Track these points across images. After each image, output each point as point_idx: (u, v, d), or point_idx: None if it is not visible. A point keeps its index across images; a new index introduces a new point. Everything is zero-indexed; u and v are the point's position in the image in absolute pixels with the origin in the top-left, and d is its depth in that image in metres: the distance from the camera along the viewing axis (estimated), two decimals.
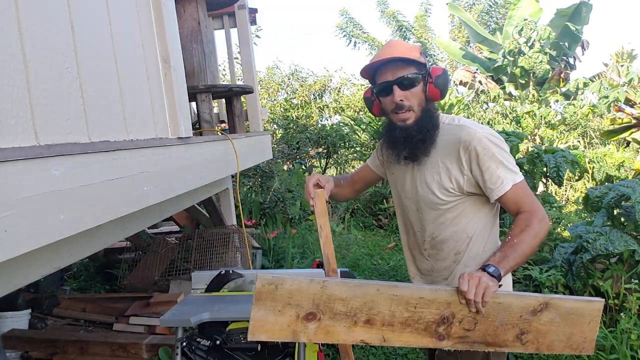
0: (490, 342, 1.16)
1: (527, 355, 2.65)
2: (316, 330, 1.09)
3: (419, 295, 1.12)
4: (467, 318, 1.14)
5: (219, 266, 3.16)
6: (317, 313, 1.09)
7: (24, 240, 1.04)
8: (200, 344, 1.57)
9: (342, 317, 1.10)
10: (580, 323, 1.19)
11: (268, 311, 1.07)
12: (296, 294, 1.07)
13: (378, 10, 14.71)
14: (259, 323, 1.07)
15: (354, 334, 1.11)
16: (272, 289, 1.06)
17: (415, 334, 1.13)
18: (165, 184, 1.84)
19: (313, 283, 1.08)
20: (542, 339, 1.18)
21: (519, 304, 1.16)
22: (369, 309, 1.10)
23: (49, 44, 1.25)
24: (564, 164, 4.40)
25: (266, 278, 1.06)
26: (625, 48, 12.06)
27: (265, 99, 11.01)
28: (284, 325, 1.07)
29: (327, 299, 1.09)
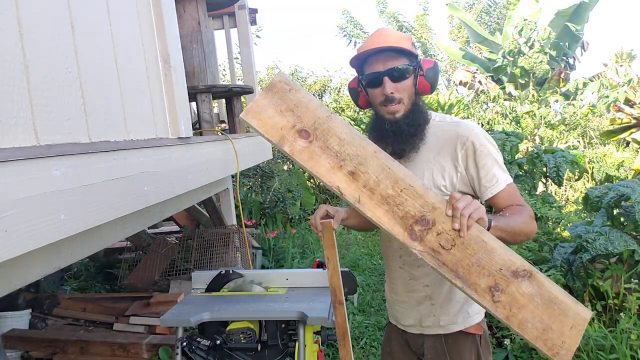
0: (460, 275, 1.08)
1: (527, 355, 2.65)
2: (302, 149, 1.08)
3: (410, 182, 1.09)
4: (447, 235, 1.08)
5: (219, 266, 3.16)
6: (311, 135, 1.08)
7: (24, 240, 1.04)
8: (200, 343, 1.57)
9: (330, 154, 1.09)
10: (561, 320, 1.08)
11: (271, 105, 1.07)
12: (303, 107, 1.08)
13: (378, 10, 14.73)
14: (257, 108, 1.07)
15: (334, 176, 1.09)
16: (286, 88, 1.07)
17: (391, 216, 1.09)
18: (165, 184, 1.84)
19: (322, 108, 1.10)
20: (515, 310, 1.08)
21: (502, 255, 1.08)
22: (359, 163, 1.09)
23: (49, 44, 1.25)
24: (563, 164, 4.41)
25: (285, 77, 1.08)
26: (624, 48, 12.06)
27: None
28: (277, 126, 1.08)
29: (327, 128, 1.09)
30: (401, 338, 1.57)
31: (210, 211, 3.80)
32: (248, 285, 1.84)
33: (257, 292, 1.81)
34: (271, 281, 1.89)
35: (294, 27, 72.33)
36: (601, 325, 2.55)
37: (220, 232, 3.62)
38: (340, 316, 1.24)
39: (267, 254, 4.58)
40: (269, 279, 1.89)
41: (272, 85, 1.07)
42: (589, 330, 2.46)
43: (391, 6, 15.60)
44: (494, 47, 11.46)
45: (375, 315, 3.64)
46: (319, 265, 1.99)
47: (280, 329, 1.66)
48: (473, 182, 1.35)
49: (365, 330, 3.37)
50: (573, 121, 8.60)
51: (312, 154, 1.09)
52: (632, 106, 7.85)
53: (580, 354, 2.41)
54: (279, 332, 1.65)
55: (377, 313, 3.69)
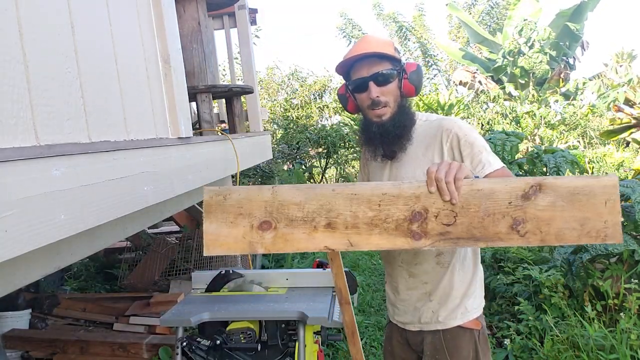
0: (478, 236, 1.02)
1: (527, 355, 2.65)
2: (273, 239, 1.04)
3: (381, 191, 1.03)
4: (444, 211, 1.02)
5: (219, 266, 3.16)
6: (272, 221, 1.03)
7: (24, 240, 1.04)
8: (200, 343, 1.57)
9: (299, 223, 1.04)
10: (593, 205, 1.00)
11: (220, 224, 1.03)
12: (246, 203, 1.03)
13: (375, 12, 14.73)
14: (212, 237, 1.03)
15: (316, 240, 1.04)
16: (221, 200, 1.03)
17: (386, 235, 1.03)
18: (165, 184, 1.84)
19: (263, 190, 1.04)
20: (546, 228, 1.00)
21: (503, 189, 1.01)
22: (328, 211, 1.03)
23: (49, 44, 1.25)
24: (563, 164, 4.41)
25: (213, 189, 1.03)
26: (624, 48, 12.06)
27: (265, 99, 11.02)
28: (239, 237, 1.03)
29: (279, 205, 1.04)
30: (401, 337, 1.58)
31: None
32: (248, 285, 1.84)
33: (257, 292, 1.81)
34: (271, 281, 1.89)
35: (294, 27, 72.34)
36: (601, 325, 2.55)
37: None
38: (348, 315, 1.23)
39: (267, 254, 4.58)
40: (269, 279, 1.89)
41: (207, 207, 1.02)
42: (589, 330, 2.46)
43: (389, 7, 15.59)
44: (494, 47, 11.46)
45: (375, 315, 3.64)
46: (319, 265, 1.99)
47: (280, 329, 1.66)
48: None
49: (366, 330, 3.37)
50: (573, 121, 8.60)
51: (284, 236, 1.04)
52: (632, 106, 7.85)
53: (580, 354, 2.41)
54: (279, 332, 1.65)
55: (377, 313, 3.70)
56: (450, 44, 12.80)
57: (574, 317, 2.64)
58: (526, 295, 3.07)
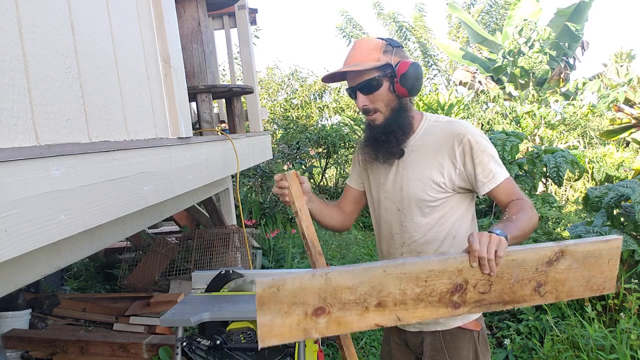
0: (507, 300, 1.13)
1: (527, 355, 2.65)
2: (327, 323, 1.04)
3: (428, 268, 1.07)
4: (481, 281, 1.10)
5: (219, 266, 3.16)
6: (326, 307, 1.03)
7: (25, 240, 1.04)
8: (200, 343, 1.57)
9: (352, 306, 1.05)
10: (599, 264, 1.16)
11: (274, 315, 1.01)
12: (300, 292, 1.01)
13: (374, 12, 14.73)
14: (266, 328, 1.01)
15: (367, 319, 1.07)
16: (274, 291, 1.00)
17: (430, 307, 1.09)
18: (165, 184, 1.84)
19: (315, 277, 1.03)
20: (560, 287, 1.15)
21: (533, 257, 1.12)
22: (379, 292, 1.06)
23: (49, 44, 1.25)
24: (563, 164, 4.41)
25: (266, 282, 1.00)
26: (624, 48, 12.06)
27: (265, 99, 11.02)
28: (293, 325, 1.02)
29: (333, 290, 1.03)
30: (399, 338, 1.58)
31: (210, 211, 3.80)
32: (248, 285, 1.84)
33: None
34: None
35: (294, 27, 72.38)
36: (601, 325, 2.55)
37: (220, 232, 3.62)
38: (322, 267, 1.23)
39: (267, 254, 4.58)
40: None
41: (260, 300, 0.99)
42: (589, 330, 2.46)
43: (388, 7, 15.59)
44: (494, 47, 11.46)
45: None
46: None
47: None
48: (471, 178, 1.39)
49: (365, 330, 3.37)
50: (573, 121, 8.60)
51: (337, 320, 1.05)
52: (632, 106, 7.85)
53: (580, 354, 2.41)
54: None
55: None
56: (450, 43, 12.79)
57: (574, 317, 2.64)
58: None
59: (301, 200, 1.27)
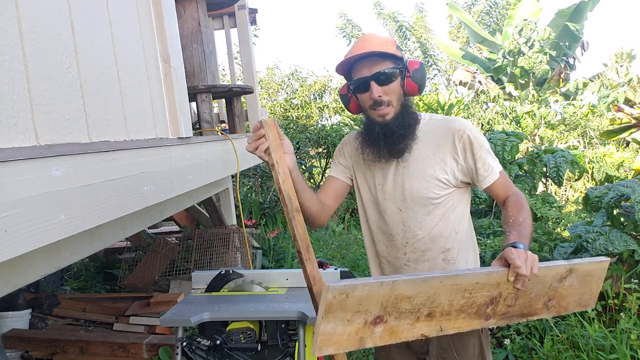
0: (525, 313, 1.18)
1: (527, 355, 2.65)
2: (382, 333, 1.03)
3: (475, 280, 1.09)
4: (511, 295, 1.14)
5: (219, 266, 3.16)
6: (384, 315, 1.02)
7: (24, 240, 1.04)
8: (200, 343, 1.57)
9: (406, 315, 1.04)
10: (591, 282, 1.25)
11: (337, 323, 0.97)
12: (366, 300, 0.99)
13: (375, 12, 14.73)
14: (327, 337, 0.96)
15: (416, 329, 1.06)
16: (343, 298, 0.96)
17: (468, 319, 1.11)
18: (165, 184, 1.84)
19: (383, 285, 1.00)
20: (562, 302, 1.22)
21: (550, 275, 1.17)
22: (431, 302, 1.06)
23: (49, 44, 1.25)
24: (563, 164, 4.41)
25: (338, 288, 0.95)
26: (624, 48, 12.06)
27: (265, 99, 11.02)
28: (352, 334, 0.99)
29: (394, 299, 1.02)
30: None
31: (210, 211, 3.80)
32: (248, 285, 1.84)
33: (257, 292, 1.81)
34: (271, 281, 1.89)
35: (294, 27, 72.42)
36: (601, 325, 2.55)
37: (220, 232, 3.62)
38: (301, 226, 1.16)
39: (267, 254, 4.58)
40: (269, 279, 1.89)
41: (329, 307, 0.94)
42: (589, 330, 2.46)
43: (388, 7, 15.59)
44: (494, 47, 11.46)
45: None
46: (319, 265, 1.98)
47: (280, 329, 1.66)
48: (472, 172, 1.42)
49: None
50: (573, 121, 8.60)
51: (391, 329, 1.03)
52: (632, 106, 7.85)
53: (580, 354, 2.41)
54: (279, 332, 1.65)
55: None
56: (451, 43, 12.79)
57: (574, 317, 2.64)
58: None
59: (279, 152, 1.17)
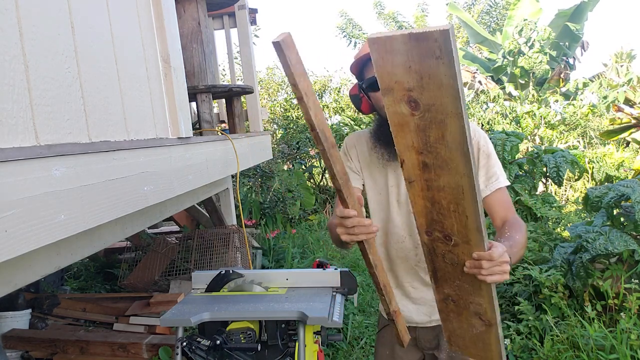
0: (438, 278, 1.16)
1: (527, 355, 2.65)
2: (398, 113, 0.93)
3: (468, 213, 1.00)
4: (453, 257, 1.08)
5: (219, 266, 3.16)
6: (421, 110, 0.90)
7: (25, 240, 1.04)
8: (200, 343, 1.57)
9: (422, 138, 0.96)
10: (485, 347, 1.23)
11: (405, 54, 0.84)
12: (435, 84, 0.85)
13: (375, 12, 14.72)
14: (388, 46, 0.84)
15: (407, 152, 0.98)
16: (436, 53, 0.81)
17: (425, 215, 1.05)
18: (165, 184, 1.84)
19: (457, 102, 0.87)
20: (454, 321, 1.23)
21: (484, 297, 1.12)
22: (439, 166, 0.97)
23: (49, 44, 1.25)
24: (563, 164, 4.41)
25: (449, 36, 0.79)
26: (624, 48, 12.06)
27: (265, 99, 11.01)
28: (392, 76, 0.88)
29: (441, 120, 0.90)
30: None
31: (210, 211, 3.80)
32: (248, 285, 1.84)
33: (257, 292, 1.81)
34: (271, 281, 1.89)
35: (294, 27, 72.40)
36: (601, 325, 2.55)
37: (220, 232, 3.62)
38: (339, 163, 1.03)
39: (267, 254, 4.58)
40: (269, 279, 1.89)
41: (424, 36, 0.79)
42: (589, 330, 2.46)
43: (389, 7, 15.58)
44: (494, 47, 11.46)
45: (375, 315, 3.64)
46: (319, 265, 1.98)
47: (280, 329, 1.65)
48: None
49: (365, 330, 3.37)
50: (573, 121, 8.60)
51: (405, 124, 0.93)
52: (632, 106, 7.85)
53: (580, 354, 2.41)
54: (279, 332, 1.65)
55: (377, 313, 3.69)
56: None
57: (574, 317, 2.64)
58: (526, 295, 3.07)
59: (306, 81, 0.92)
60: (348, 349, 3.13)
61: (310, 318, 1.54)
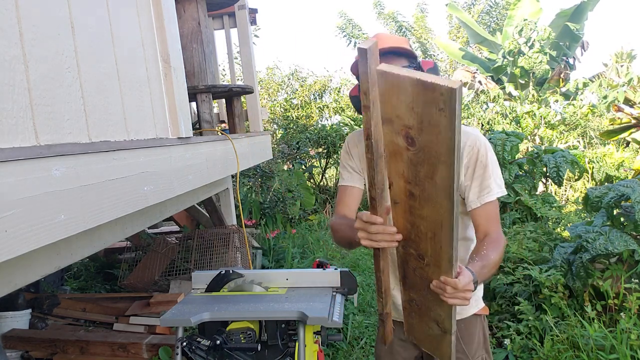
0: (407, 283, 1.25)
1: (527, 355, 2.65)
2: (394, 144, 0.96)
3: (444, 238, 1.03)
4: (422, 271, 1.13)
5: (219, 266, 3.16)
6: (416, 144, 0.92)
7: (25, 240, 1.04)
8: (200, 343, 1.57)
9: (411, 177, 0.99)
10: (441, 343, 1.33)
11: (402, 91, 0.86)
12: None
13: (375, 12, 14.71)
14: (394, 81, 0.86)
15: (392, 169, 1.02)
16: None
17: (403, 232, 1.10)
18: (165, 184, 1.84)
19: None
20: (417, 325, 1.36)
21: (443, 314, 1.19)
22: (425, 199, 1.01)
23: (49, 44, 1.25)
24: (563, 164, 4.41)
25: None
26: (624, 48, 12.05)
27: (265, 99, 11.01)
28: (387, 115, 0.92)
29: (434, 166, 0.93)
30: (403, 334, 1.57)
31: (210, 211, 3.80)
32: (248, 285, 1.84)
33: (257, 292, 1.81)
34: (271, 281, 1.89)
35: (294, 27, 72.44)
36: (601, 325, 2.55)
37: (220, 232, 3.62)
38: (380, 173, 1.04)
39: (267, 254, 4.58)
40: (269, 279, 1.89)
41: (432, 87, 0.80)
42: (589, 330, 2.46)
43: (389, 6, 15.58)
44: (494, 47, 11.46)
45: (375, 315, 3.64)
46: (319, 265, 1.99)
47: (280, 329, 1.65)
48: (466, 189, 1.37)
49: (365, 330, 3.37)
50: (573, 121, 8.60)
51: (399, 154, 0.95)
52: (632, 106, 7.85)
53: (580, 354, 2.41)
54: (279, 332, 1.65)
55: (377, 313, 3.69)
56: (450, 43, 12.77)
57: (574, 317, 2.64)
58: (526, 295, 3.07)
59: (376, 90, 0.91)
60: (348, 349, 3.13)
61: (310, 318, 1.54)
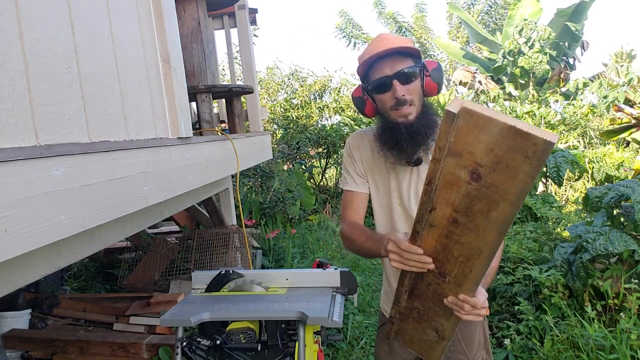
0: (416, 292, 1.23)
1: (527, 355, 2.65)
2: (462, 182, 0.95)
3: (472, 267, 1.06)
4: (436, 287, 1.13)
5: (219, 266, 3.16)
6: (482, 180, 0.92)
7: (25, 240, 1.04)
8: (200, 343, 1.57)
9: (469, 213, 0.99)
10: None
11: (487, 128, 0.84)
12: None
13: (375, 11, 14.72)
14: (479, 119, 0.83)
15: (445, 209, 1.01)
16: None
17: (437, 254, 1.09)
18: (165, 184, 1.84)
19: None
20: (406, 330, 1.36)
21: (446, 323, 1.20)
22: (473, 252, 1.04)
23: (49, 44, 1.25)
24: (563, 164, 4.41)
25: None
26: (624, 48, 12.05)
27: (265, 99, 11.01)
28: (466, 152, 0.89)
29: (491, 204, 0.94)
30: None
31: (210, 211, 3.80)
32: (248, 285, 1.84)
33: (257, 292, 1.81)
34: (271, 281, 1.88)
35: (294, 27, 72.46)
36: (601, 325, 2.55)
37: (220, 232, 3.62)
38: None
39: (267, 254, 4.58)
40: (269, 279, 1.89)
41: (525, 136, 0.79)
42: (589, 330, 2.46)
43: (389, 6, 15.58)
44: (494, 47, 11.46)
45: (375, 315, 3.64)
46: (319, 265, 1.98)
47: (280, 329, 1.65)
48: None
49: (366, 331, 3.37)
50: (573, 121, 8.60)
51: (456, 185, 0.92)
52: (632, 106, 7.85)
53: (580, 354, 2.41)
54: (279, 332, 1.65)
55: (377, 313, 3.69)
56: (450, 43, 12.77)
57: (574, 317, 2.64)
58: (526, 295, 3.07)
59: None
60: (348, 349, 3.13)
61: (310, 318, 1.54)
